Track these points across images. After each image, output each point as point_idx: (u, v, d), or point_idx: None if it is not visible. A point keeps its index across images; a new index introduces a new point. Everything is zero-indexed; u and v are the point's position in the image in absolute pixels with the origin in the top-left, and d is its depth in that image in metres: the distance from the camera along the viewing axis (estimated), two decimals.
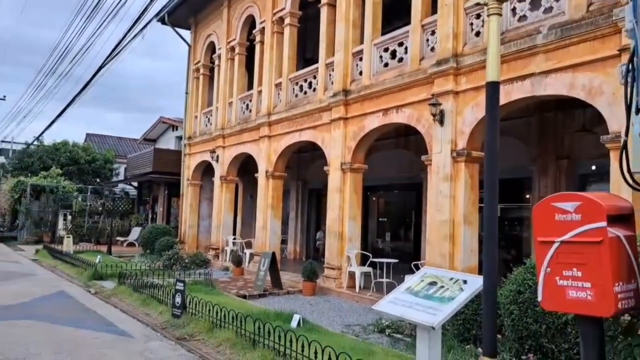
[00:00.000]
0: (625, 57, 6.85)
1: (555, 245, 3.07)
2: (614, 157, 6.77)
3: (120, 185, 30.12)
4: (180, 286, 7.68)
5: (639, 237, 3.25)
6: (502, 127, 9.31)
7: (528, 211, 12.20)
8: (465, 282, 3.93)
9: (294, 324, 6.89)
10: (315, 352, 4.83)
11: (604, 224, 2.85)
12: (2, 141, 42.37)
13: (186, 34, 21.33)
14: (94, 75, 20.51)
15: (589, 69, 7.28)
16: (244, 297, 10.39)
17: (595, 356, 2.98)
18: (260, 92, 15.72)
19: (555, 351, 5.41)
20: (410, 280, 4.26)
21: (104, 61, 19.53)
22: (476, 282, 3.88)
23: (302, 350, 5.02)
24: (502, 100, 8.72)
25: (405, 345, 7.00)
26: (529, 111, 10.79)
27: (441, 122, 9.39)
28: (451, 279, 4.04)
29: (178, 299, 7.59)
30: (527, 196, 12.51)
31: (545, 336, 5.47)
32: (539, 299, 3.14)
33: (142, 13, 14.20)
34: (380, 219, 17.44)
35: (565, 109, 10.59)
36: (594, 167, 10.23)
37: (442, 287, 4.00)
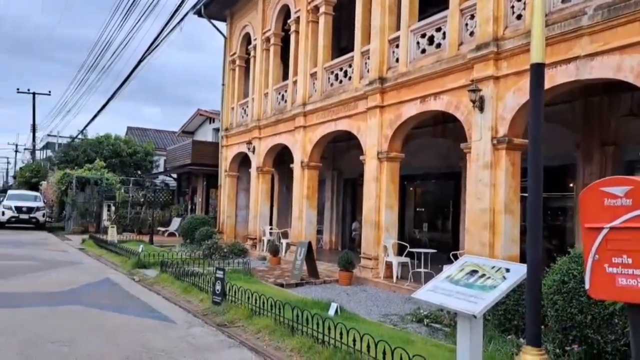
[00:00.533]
0: None
1: (604, 232, 2.95)
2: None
3: (160, 177, 30.92)
4: (220, 274, 7.84)
5: None
6: (545, 113, 9.11)
7: (572, 200, 11.81)
8: (507, 270, 3.83)
9: (331, 312, 6.92)
10: (354, 340, 4.84)
11: None
12: (49, 135, 44.19)
13: (222, 25, 21.54)
14: (133, 70, 21.05)
15: (638, 51, 6.93)
16: (282, 285, 10.50)
17: None
18: (295, 82, 15.75)
19: (601, 342, 5.23)
20: (450, 269, 4.19)
21: (143, 55, 20.00)
22: (519, 271, 3.78)
23: (340, 338, 5.04)
24: (546, 85, 8.39)
25: (444, 335, 6.93)
26: (573, 95, 10.40)
27: (481, 109, 9.17)
28: (493, 267, 3.95)
29: (218, 287, 7.75)
30: (571, 184, 12.12)
31: (590, 327, 5.30)
32: (587, 287, 3.04)
33: (179, 6, 14.41)
34: (417, 209, 17.26)
35: (611, 93, 10.15)
36: None
37: (484, 275, 3.91)
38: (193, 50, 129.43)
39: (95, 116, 40.69)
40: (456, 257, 9.83)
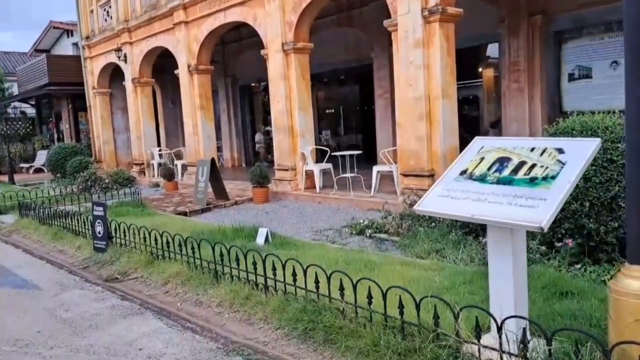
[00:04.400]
0: None
1: None
2: None
3: (15, 104, 25.90)
4: (99, 211, 5.79)
5: None
6: None
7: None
8: (560, 150, 2.43)
9: (260, 240, 5.34)
10: (305, 273, 3.35)
11: None
12: None
13: None
14: None
15: None
16: (185, 214, 8.66)
17: None
18: None
19: (601, 232, 4.29)
20: (462, 160, 2.71)
21: None
22: (583, 147, 2.40)
23: (290, 275, 3.49)
24: None
25: (395, 247, 5.76)
26: None
27: None
28: (533, 149, 2.53)
29: (99, 228, 5.73)
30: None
31: (588, 215, 4.32)
32: None
33: None
34: (327, 110, 15.84)
35: None
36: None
37: (524, 163, 2.49)
38: None
39: None
40: (386, 157, 8.62)
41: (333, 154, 9.55)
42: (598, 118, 4.46)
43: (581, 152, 2.39)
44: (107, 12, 15.95)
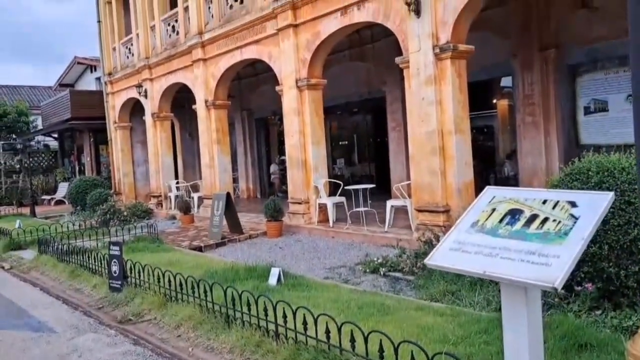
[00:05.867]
0: None
1: None
2: None
3: (39, 138, 26.60)
4: (115, 250, 5.85)
5: None
6: (477, 20, 7.76)
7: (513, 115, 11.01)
8: (573, 204, 2.40)
9: (272, 280, 5.32)
10: (315, 322, 3.30)
11: None
12: None
13: None
14: None
15: None
16: (199, 249, 8.70)
17: None
18: (186, 8, 13.18)
19: (622, 276, 4.18)
20: (473, 210, 2.69)
21: None
22: (597, 201, 2.36)
23: (300, 323, 3.45)
24: None
25: (410, 287, 5.67)
26: None
27: (417, 13, 7.64)
28: (544, 201, 2.50)
29: (115, 268, 5.79)
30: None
31: (607, 259, 4.21)
32: None
33: None
34: (340, 142, 15.93)
35: None
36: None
37: (536, 216, 2.46)
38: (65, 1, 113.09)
39: None
40: (400, 192, 8.59)
41: (346, 187, 9.54)
42: (614, 158, 4.39)
43: (594, 206, 2.35)
44: (129, 49, 16.46)
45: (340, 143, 16.02)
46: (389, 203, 8.61)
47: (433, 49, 7.52)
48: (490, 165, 12.67)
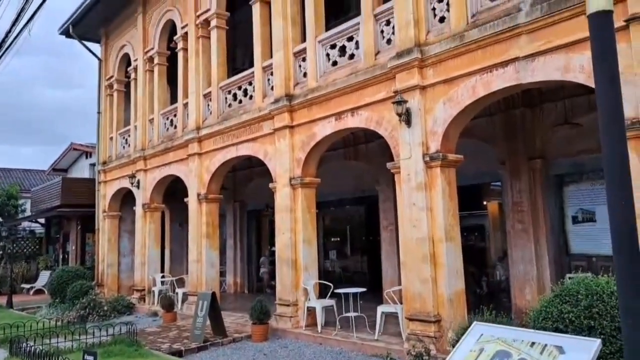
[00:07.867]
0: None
1: None
2: (633, 147, 5.56)
3: (25, 224, 26.27)
4: None
5: None
6: (465, 128, 8.10)
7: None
8: (560, 350, 2.32)
9: None
10: None
11: None
12: None
13: (96, 47, 18.86)
14: None
15: (586, 48, 6.11)
16: (180, 354, 8.25)
17: None
18: (186, 104, 13.70)
19: None
20: (461, 349, 2.59)
21: None
22: (584, 349, 2.29)
23: None
24: (481, 92, 7.48)
25: None
26: (493, 109, 9.70)
27: (408, 123, 7.97)
28: (532, 344, 2.42)
29: None
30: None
31: None
32: None
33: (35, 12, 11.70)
34: (332, 239, 15.84)
35: (533, 105, 9.62)
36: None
37: None
38: (69, 86, 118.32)
39: None
40: (391, 297, 8.38)
41: (336, 291, 9.32)
42: (603, 281, 4.36)
43: (582, 354, 2.27)
44: (126, 139, 16.84)
45: (332, 239, 15.93)
46: (380, 309, 8.38)
47: (423, 157, 7.74)
48: (482, 266, 12.59)
